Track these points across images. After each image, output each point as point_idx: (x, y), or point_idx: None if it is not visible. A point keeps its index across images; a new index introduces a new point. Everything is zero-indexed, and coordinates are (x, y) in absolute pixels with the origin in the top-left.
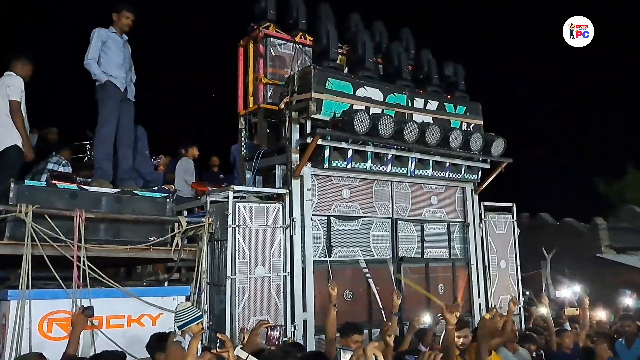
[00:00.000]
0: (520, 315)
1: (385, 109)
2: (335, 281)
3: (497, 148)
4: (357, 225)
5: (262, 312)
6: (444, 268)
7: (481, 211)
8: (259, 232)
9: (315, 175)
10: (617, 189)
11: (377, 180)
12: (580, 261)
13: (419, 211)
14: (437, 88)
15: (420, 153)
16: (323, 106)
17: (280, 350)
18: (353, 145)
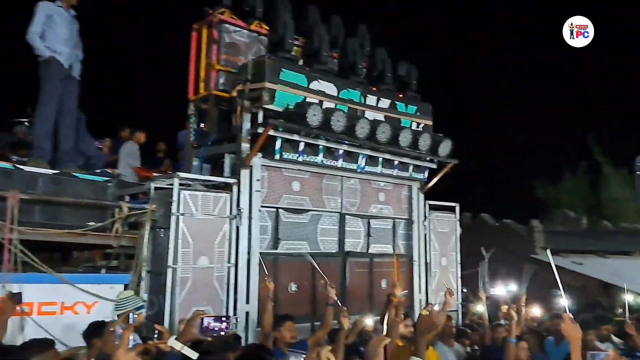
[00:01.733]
0: (457, 311)
1: (338, 103)
2: (271, 276)
3: (444, 149)
4: (306, 219)
5: (204, 303)
6: (388, 263)
7: (426, 210)
8: (205, 221)
9: (266, 166)
10: (554, 193)
11: (327, 174)
12: (516, 261)
13: (367, 207)
14: (390, 86)
15: (370, 150)
16: (276, 97)
17: (220, 342)
18: (305, 138)
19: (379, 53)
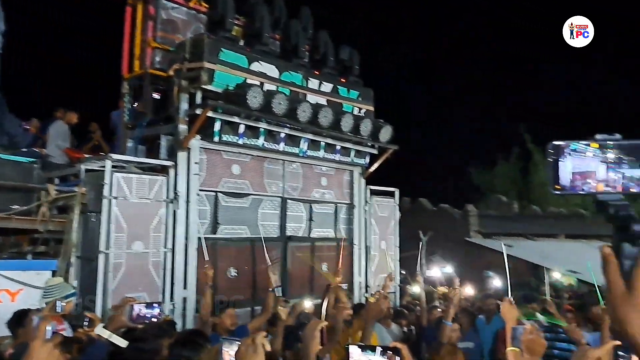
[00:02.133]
0: (395, 293)
1: (280, 86)
2: (211, 263)
3: (385, 135)
4: (246, 203)
5: (139, 289)
6: (329, 247)
7: (367, 194)
8: (139, 205)
9: (204, 148)
10: (488, 179)
11: (269, 158)
12: (451, 244)
13: (309, 192)
14: (332, 71)
15: (312, 134)
16: (215, 77)
17: (154, 329)
18: (245, 121)
19: (322, 36)
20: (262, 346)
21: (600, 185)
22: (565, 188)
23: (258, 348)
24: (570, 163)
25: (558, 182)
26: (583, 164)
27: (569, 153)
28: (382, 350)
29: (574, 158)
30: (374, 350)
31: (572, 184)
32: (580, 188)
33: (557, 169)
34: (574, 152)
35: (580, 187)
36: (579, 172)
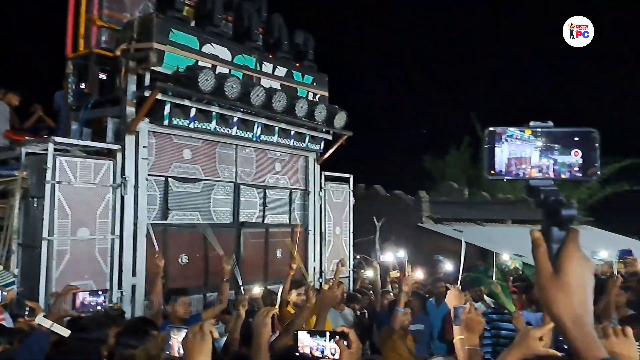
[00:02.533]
0: (349, 277)
1: (232, 69)
2: (161, 247)
3: (340, 121)
4: (198, 188)
5: (85, 277)
6: (284, 233)
7: (322, 180)
8: (84, 190)
9: (153, 132)
10: (440, 166)
11: (221, 142)
12: (404, 229)
13: (263, 177)
14: (287, 55)
15: (266, 119)
16: (165, 58)
17: (99, 317)
18: (197, 104)
19: (276, 19)
20: (210, 334)
21: (533, 170)
22: (499, 173)
23: (206, 335)
24: (507, 149)
25: (493, 167)
26: (518, 150)
27: (506, 139)
28: (331, 335)
29: (510, 144)
30: (323, 335)
31: (507, 169)
32: (515, 173)
33: (492, 154)
34: (510, 138)
35: (515, 172)
36: (514, 157)
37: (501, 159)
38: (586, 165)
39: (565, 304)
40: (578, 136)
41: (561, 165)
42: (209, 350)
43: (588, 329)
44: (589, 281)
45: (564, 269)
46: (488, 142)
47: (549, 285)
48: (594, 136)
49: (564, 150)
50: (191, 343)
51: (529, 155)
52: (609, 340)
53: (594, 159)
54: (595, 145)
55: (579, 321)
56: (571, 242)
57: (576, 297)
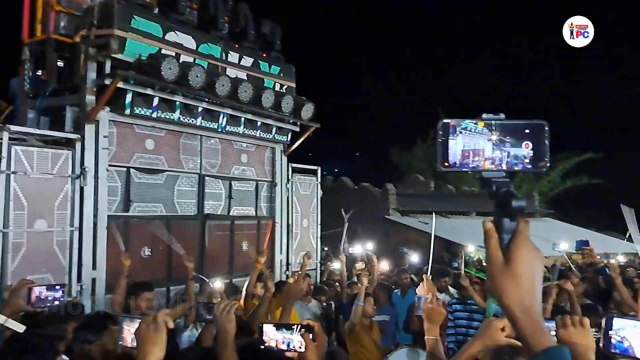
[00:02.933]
0: (316, 269)
1: (197, 58)
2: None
3: (307, 112)
4: (161, 180)
5: (42, 270)
6: (250, 226)
7: (289, 172)
8: (42, 181)
9: (114, 121)
10: (407, 159)
11: (185, 133)
12: (372, 222)
13: (228, 168)
14: (253, 45)
15: (232, 109)
16: (126, 46)
17: (57, 312)
18: (160, 93)
19: (242, 8)
20: (164, 324)
21: (486, 163)
22: (453, 165)
23: (160, 326)
24: (461, 141)
25: (447, 159)
26: (471, 142)
27: (460, 131)
28: (297, 328)
29: (464, 136)
30: (289, 328)
31: (461, 161)
32: (468, 165)
33: (446, 146)
34: (464, 131)
35: (469, 164)
36: (468, 149)
37: (455, 151)
38: (537, 157)
39: (514, 293)
40: (529, 128)
41: (513, 157)
42: (163, 342)
43: (536, 318)
44: (538, 271)
45: (514, 260)
46: (442, 134)
47: (500, 276)
48: (544, 129)
49: (515, 143)
50: (145, 333)
51: (482, 147)
52: (567, 330)
53: (544, 151)
54: (546, 138)
55: (527, 311)
56: (521, 233)
57: (525, 287)
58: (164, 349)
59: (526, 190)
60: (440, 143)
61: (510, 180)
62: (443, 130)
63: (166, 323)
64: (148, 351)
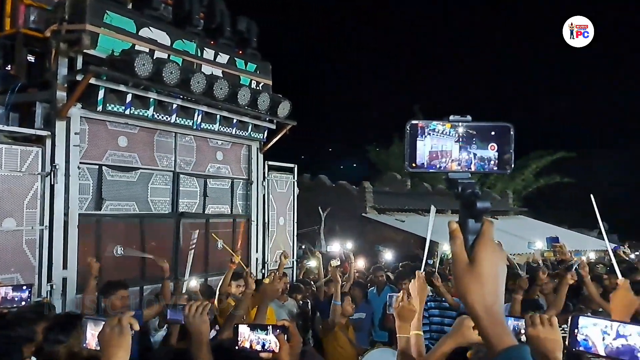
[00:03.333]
0: (292, 268)
1: (171, 54)
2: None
3: (283, 110)
4: (135, 177)
5: (11, 270)
6: (225, 224)
7: (265, 170)
8: (10, 178)
9: (86, 118)
10: (384, 158)
11: (159, 130)
12: (349, 219)
13: (204, 166)
14: (229, 41)
15: (207, 106)
16: (99, 41)
17: (26, 313)
18: (133, 90)
19: (217, 4)
20: (129, 327)
21: (453, 164)
22: (421, 166)
23: (125, 329)
24: (429, 142)
25: (415, 160)
26: (439, 144)
27: (428, 133)
28: (272, 328)
29: (432, 138)
30: (264, 329)
31: (429, 162)
32: (436, 166)
33: (414, 147)
34: (432, 132)
35: (436, 165)
36: (435, 150)
37: (423, 152)
38: (502, 159)
39: (478, 293)
40: (495, 130)
41: (479, 158)
42: (128, 345)
43: (499, 317)
44: (502, 271)
45: (478, 260)
46: (410, 135)
47: (464, 275)
48: (509, 131)
49: (481, 144)
50: (108, 337)
51: (449, 148)
52: (536, 329)
53: (508, 153)
54: (511, 140)
55: (490, 310)
56: (485, 233)
57: (488, 287)
58: (129, 352)
59: (500, 189)
60: (408, 144)
61: (475, 182)
62: (411, 131)
63: (131, 325)
64: (112, 354)
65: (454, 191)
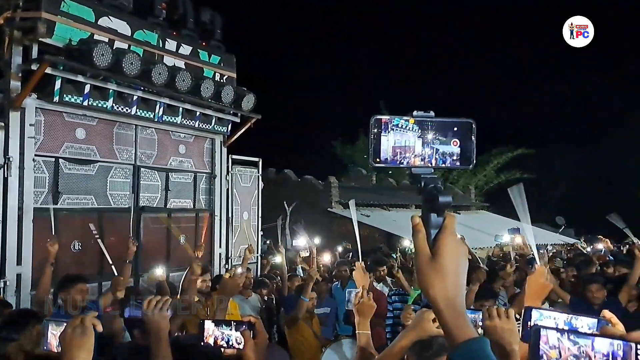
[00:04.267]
0: (257, 263)
1: (132, 45)
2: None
3: (248, 103)
4: (93, 170)
5: None
6: (187, 218)
7: (229, 164)
8: None
9: (42, 109)
10: (350, 153)
11: (119, 122)
12: (315, 214)
13: (165, 159)
14: (192, 33)
15: (169, 98)
16: (55, 30)
17: None
18: (91, 80)
19: None
20: (92, 328)
21: (416, 159)
22: (385, 161)
23: (87, 330)
24: (392, 137)
25: (379, 155)
26: (402, 139)
27: (392, 128)
28: (237, 324)
29: (395, 133)
30: (229, 324)
31: (392, 157)
32: (399, 161)
33: (379, 142)
34: (395, 127)
35: (400, 160)
36: (399, 146)
37: (387, 147)
38: (464, 155)
39: (440, 286)
40: (457, 127)
41: (441, 154)
42: (90, 346)
43: (460, 310)
44: (463, 265)
45: (440, 254)
46: (375, 131)
47: (426, 269)
48: (471, 127)
49: (444, 140)
50: (70, 338)
51: (412, 144)
52: (493, 322)
53: (470, 149)
54: (472, 136)
55: (451, 303)
56: (447, 227)
57: (450, 281)
58: (92, 353)
59: (463, 184)
60: (372, 139)
61: (438, 177)
62: (375, 127)
63: (94, 326)
64: (74, 356)
65: (417, 186)
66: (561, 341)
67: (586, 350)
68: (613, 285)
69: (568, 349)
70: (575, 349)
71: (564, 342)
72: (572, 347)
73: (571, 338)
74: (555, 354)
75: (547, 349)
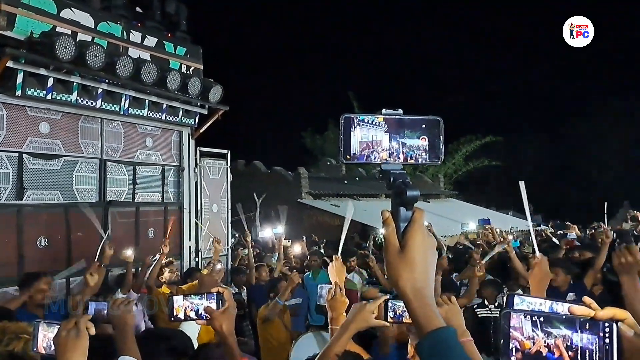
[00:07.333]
0: (227, 255)
1: (96, 37)
2: (16, 230)
3: (215, 95)
4: (58, 165)
5: None
6: (156, 212)
7: (197, 156)
8: None
9: (4, 103)
10: (320, 143)
11: (84, 116)
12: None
13: (132, 153)
14: (158, 24)
15: (135, 91)
16: (16, 22)
17: None
18: (54, 73)
19: None
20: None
21: (384, 154)
22: (354, 157)
23: (81, 332)
24: (359, 134)
25: (349, 151)
26: (370, 135)
27: (359, 125)
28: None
29: (363, 129)
30: (198, 295)
31: (361, 153)
32: (368, 158)
33: (348, 140)
34: (364, 124)
35: (368, 156)
36: (368, 141)
37: (356, 144)
38: (432, 150)
39: (408, 278)
40: (425, 124)
41: (409, 149)
42: (85, 348)
43: (428, 301)
44: (432, 257)
45: (409, 246)
46: (344, 128)
47: (395, 262)
48: (439, 124)
49: (412, 136)
50: (64, 340)
51: (380, 139)
52: (442, 308)
53: (438, 145)
54: (440, 132)
55: (419, 294)
56: (416, 221)
57: (418, 272)
58: (86, 355)
59: (432, 173)
60: (342, 137)
61: (406, 173)
62: (345, 125)
63: (88, 329)
64: (68, 358)
65: (386, 182)
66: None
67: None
68: (579, 268)
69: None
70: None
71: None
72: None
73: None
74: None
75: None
